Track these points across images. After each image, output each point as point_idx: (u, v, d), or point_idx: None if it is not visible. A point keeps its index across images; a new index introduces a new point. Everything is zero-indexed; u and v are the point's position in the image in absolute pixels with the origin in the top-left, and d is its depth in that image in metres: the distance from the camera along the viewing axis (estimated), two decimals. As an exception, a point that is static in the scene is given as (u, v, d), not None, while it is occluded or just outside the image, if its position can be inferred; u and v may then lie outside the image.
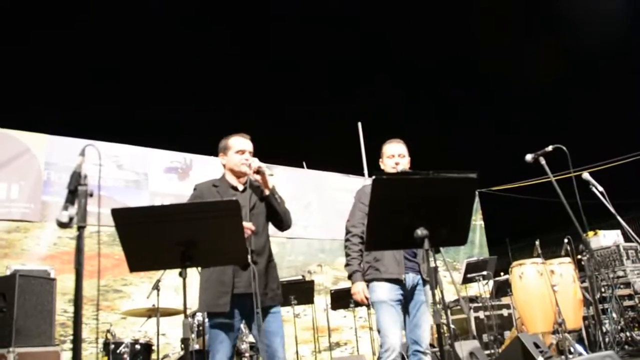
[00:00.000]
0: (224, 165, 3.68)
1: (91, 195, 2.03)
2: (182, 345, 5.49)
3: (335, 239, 9.54)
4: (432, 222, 2.61)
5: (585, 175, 4.49)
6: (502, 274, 7.83)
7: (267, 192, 3.56)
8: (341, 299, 7.05)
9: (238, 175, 3.62)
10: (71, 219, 1.97)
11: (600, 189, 4.49)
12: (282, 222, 3.68)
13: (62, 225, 1.98)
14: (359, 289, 3.72)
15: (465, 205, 2.77)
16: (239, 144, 3.61)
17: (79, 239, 1.94)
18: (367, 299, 3.71)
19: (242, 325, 3.72)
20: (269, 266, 3.53)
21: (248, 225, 3.18)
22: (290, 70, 14.52)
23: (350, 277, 3.78)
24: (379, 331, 3.66)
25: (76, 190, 2.01)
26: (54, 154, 7.26)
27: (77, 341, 1.84)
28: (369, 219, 2.64)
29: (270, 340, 3.33)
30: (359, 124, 10.68)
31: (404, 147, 3.97)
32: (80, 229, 1.97)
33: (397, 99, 14.94)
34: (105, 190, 7.23)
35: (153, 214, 2.59)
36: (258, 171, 3.50)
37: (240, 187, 3.62)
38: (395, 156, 3.89)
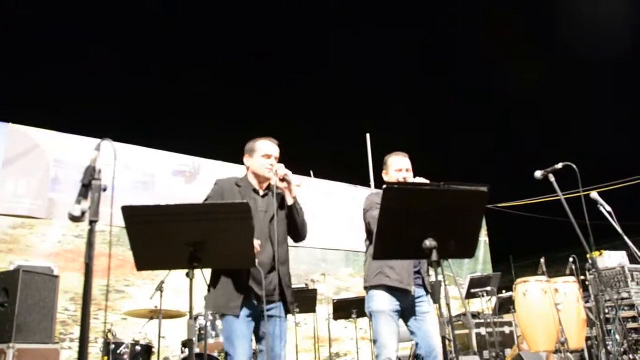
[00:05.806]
0: (248, 168, 3.62)
1: (105, 190, 2.03)
2: (183, 348, 5.48)
3: (339, 249, 9.52)
4: (441, 233, 2.60)
5: (594, 194, 4.48)
6: (504, 291, 7.80)
7: (290, 202, 3.51)
8: (343, 310, 7.02)
9: (261, 180, 3.56)
10: (84, 213, 1.97)
11: (609, 209, 4.47)
12: (299, 233, 3.64)
13: (74, 219, 1.96)
14: None
15: (475, 218, 2.76)
16: (266, 148, 3.55)
17: (91, 233, 1.93)
18: None
19: None
20: (289, 275, 3.54)
21: (255, 245, 2.95)
22: (300, 79, 14.57)
23: None
24: (375, 341, 3.64)
25: (90, 185, 2.01)
26: (64, 151, 7.28)
27: (84, 337, 1.83)
28: (379, 228, 2.62)
29: (280, 347, 3.33)
30: (368, 135, 10.68)
31: (409, 162, 3.99)
32: (93, 223, 1.96)
33: (406, 113, 14.97)
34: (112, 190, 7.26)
35: (163, 213, 2.57)
36: (284, 179, 3.43)
37: (262, 192, 3.57)
38: (404, 170, 3.92)
